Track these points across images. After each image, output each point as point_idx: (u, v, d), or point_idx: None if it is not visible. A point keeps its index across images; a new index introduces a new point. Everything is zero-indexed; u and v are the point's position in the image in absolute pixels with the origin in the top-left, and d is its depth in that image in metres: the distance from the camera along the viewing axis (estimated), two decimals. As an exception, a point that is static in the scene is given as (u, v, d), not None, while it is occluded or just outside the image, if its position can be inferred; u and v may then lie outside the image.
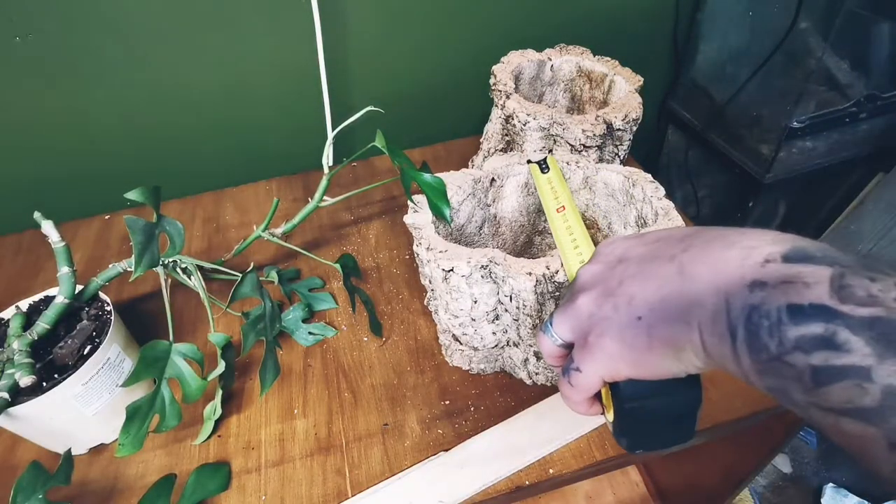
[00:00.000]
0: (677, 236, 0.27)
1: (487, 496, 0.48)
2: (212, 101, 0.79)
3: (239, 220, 0.78)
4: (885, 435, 0.19)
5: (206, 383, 0.49)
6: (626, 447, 0.31)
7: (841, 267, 0.21)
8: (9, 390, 0.43)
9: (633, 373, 0.27)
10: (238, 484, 0.49)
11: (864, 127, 0.92)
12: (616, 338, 0.27)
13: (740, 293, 0.23)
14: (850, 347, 0.20)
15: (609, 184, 0.56)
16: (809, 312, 0.21)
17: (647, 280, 0.26)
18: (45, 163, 0.77)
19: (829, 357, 0.20)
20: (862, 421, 0.20)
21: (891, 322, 0.20)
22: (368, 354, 0.60)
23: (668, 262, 0.26)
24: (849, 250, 0.23)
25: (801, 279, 0.22)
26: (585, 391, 0.29)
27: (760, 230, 0.25)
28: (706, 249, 0.25)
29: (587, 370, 0.28)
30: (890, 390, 0.19)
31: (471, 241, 0.58)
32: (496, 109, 0.67)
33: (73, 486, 0.47)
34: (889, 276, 0.21)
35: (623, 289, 0.27)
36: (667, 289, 0.25)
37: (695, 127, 1.01)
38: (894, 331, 0.20)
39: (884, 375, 0.19)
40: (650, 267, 0.27)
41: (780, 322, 0.21)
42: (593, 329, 0.28)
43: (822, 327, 0.20)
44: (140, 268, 0.45)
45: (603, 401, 0.31)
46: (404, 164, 0.56)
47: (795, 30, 0.80)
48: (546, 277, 0.43)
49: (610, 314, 0.27)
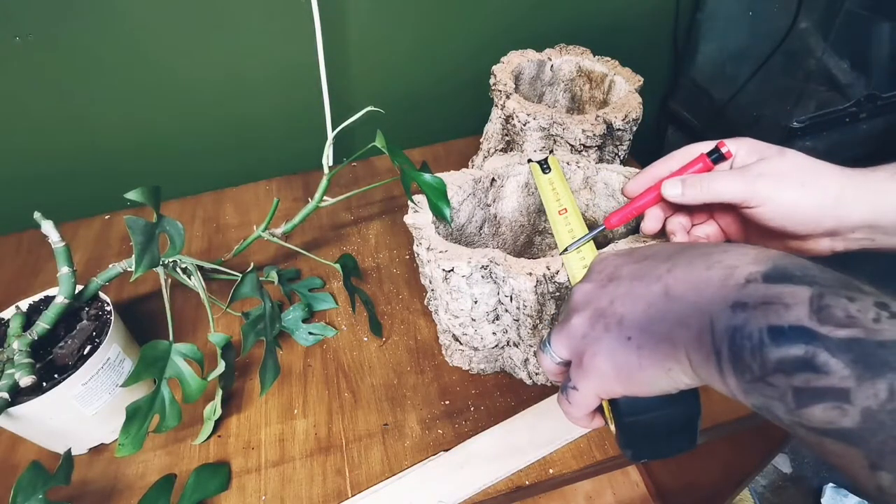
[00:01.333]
0: (664, 255, 0.28)
1: (487, 496, 0.48)
2: (212, 100, 0.79)
3: (239, 220, 0.78)
4: (866, 455, 0.20)
5: (206, 383, 0.49)
6: (630, 458, 0.31)
7: (820, 287, 0.22)
8: (9, 390, 0.43)
9: (626, 391, 0.27)
10: (238, 484, 0.49)
11: (864, 127, 0.92)
12: (608, 358, 0.27)
13: (723, 314, 0.23)
14: (830, 370, 0.20)
15: (609, 184, 0.56)
16: (790, 334, 0.21)
17: (635, 301, 0.27)
18: (45, 163, 0.77)
19: (810, 379, 0.21)
20: (843, 441, 0.20)
21: (869, 344, 0.20)
22: (368, 354, 0.60)
23: (654, 283, 0.27)
24: (829, 267, 0.23)
25: (781, 300, 0.22)
26: (584, 408, 0.30)
27: (743, 247, 0.25)
28: (690, 270, 0.26)
29: (583, 389, 0.29)
30: (868, 413, 0.20)
31: (471, 241, 0.58)
32: (496, 109, 0.67)
33: (73, 486, 0.47)
34: (867, 296, 0.21)
35: (613, 308, 0.28)
36: (653, 310, 0.26)
37: (695, 127, 1.01)
38: (872, 353, 0.20)
39: (862, 398, 0.20)
40: (638, 287, 0.27)
41: (762, 344, 0.22)
42: (587, 349, 0.29)
43: (803, 349, 0.21)
44: (140, 268, 0.45)
45: (605, 413, 0.31)
46: (404, 164, 0.56)
47: (795, 30, 0.80)
48: (546, 277, 0.43)
49: (601, 335, 0.28)
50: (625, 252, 0.31)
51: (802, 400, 0.21)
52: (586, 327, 0.29)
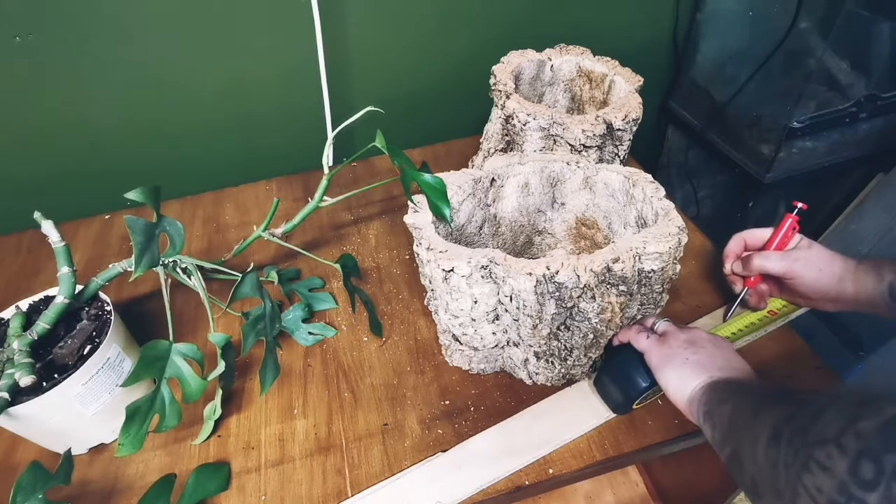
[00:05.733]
0: (700, 344, 0.47)
1: (487, 496, 0.48)
2: (212, 101, 0.79)
3: (239, 220, 0.78)
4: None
5: (206, 383, 0.49)
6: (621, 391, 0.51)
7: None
8: (9, 390, 0.43)
9: (660, 373, 0.47)
10: (238, 484, 0.49)
11: (864, 127, 0.92)
12: (676, 360, 0.47)
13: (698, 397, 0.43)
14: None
15: (609, 184, 0.56)
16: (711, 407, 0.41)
17: (687, 355, 0.47)
18: (45, 163, 0.77)
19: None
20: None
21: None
22: (368, 354, 0.60)
23: (692, 354, 0.46)
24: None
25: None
26: (641, 345, 0.49)
27: (714, 361, 0.45)
28: (695, 360, 0.45)
29: (654, 353, 0.48)
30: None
31: (471, 241, 0.58)
32: (496, 109, 0.67)
33: (73, 486, 0.47)
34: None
35: (687, 353, 0.47)
36: (688, 364, 0.46)
37: (695, 127, 1.01)
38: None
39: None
40: (689, 352, 0.46)
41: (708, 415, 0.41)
42: (677, 355, 0.47)
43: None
44: (140, 268, 0.45)
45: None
46: (404, 164, 0.56)
47: (795, 30, 0.80)
48: (546, 277, 0.43)
49: (688, 354, 0.47)
50: (691, 333, 0.49)
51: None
52: (682, 350, 0.47)
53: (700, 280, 0.66)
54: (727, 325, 0.60)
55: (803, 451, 0.26)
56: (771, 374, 0.56)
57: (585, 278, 0.43)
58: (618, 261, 0.44)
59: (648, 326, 0.50)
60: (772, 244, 0.57)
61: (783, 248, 0.56)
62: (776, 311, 0.60)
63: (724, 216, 1.08)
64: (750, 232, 0.59)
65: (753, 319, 0.60)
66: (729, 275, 0.60)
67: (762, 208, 0.97)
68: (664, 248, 0.45)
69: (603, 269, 0.44)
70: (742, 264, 0.57)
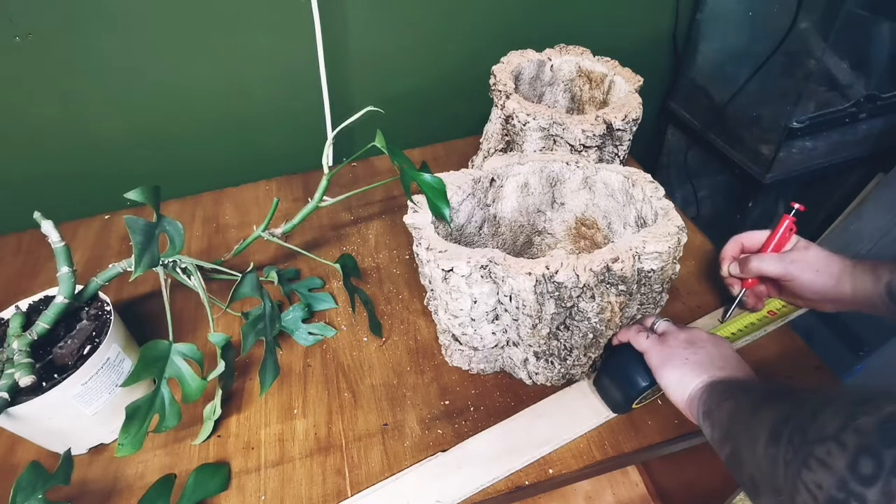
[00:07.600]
0: (699, 344, 0.47)
1: (487, 496, 0.48)
2: (212, 101, 0.79)
3: (239, 220, 0.78)
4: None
5: (206, 383, 0.49)
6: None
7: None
8: (9, 390, 0.43)
9: (660, 372, 0.47)
10: (238, 484, 0.49)
11: (863, 127, 0.92)
12: (675, 359, 0.47)
13: (698, 395, 0.43)
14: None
15: (609, 184, 0.56)
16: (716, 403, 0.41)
17: (688, 355, 0.47)
18: (45, 163, 0.77)
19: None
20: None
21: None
22: (368, 354, 0.60)
23: (692, 355, 0.46)
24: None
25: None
26: (640, 345, 0.49)
27: (713, 363, 0.45)
28: (695, 359, 0.46)
29: (653, 352, 0.48)
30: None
31: (471, 241, 0.58)
32: (496, 109, 0.67)
33: (73, 486, 0.47)
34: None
35: (687, 352, 0.47)
36: (687, 364, 0.46)
37: (694, 127, 1.00)
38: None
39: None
40: (688, 352, 0.47)
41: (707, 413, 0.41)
42: (677, 354, 0.47)
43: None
44: (140, 268, 0.45)
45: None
46: (404, 164, 0.56)
47: (795, 30, 0.80)
48: (546, 277, 0.43)
49: (687, 354, 0.47)
50: (691, 333, 0.49)
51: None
52: (681, 350, 0.47)
53: (699, 280, 0.66)
54: (726, 325, 0.60)
55: (803, 449, 0.27)
56: (771, 374, 0.56)
57: (585, 278, 0.43)
58: (617, 260, 0.44)
59: (648, 326, 0.50)
60: (769, 246, 0.57)
61: (780, 249, 0.56)
62: (776, 312, 0.60)
63: (723, 216, 1.08)
64: (747, 234, 0.59)
65: (753, 320, 0.60)
66: (726, 277, 0.60)
67: (762, 208, 0.97)
68: (664, 248, 0.45)
69: (602, 269, 0.44)
70: (739, 267, 0.57)
